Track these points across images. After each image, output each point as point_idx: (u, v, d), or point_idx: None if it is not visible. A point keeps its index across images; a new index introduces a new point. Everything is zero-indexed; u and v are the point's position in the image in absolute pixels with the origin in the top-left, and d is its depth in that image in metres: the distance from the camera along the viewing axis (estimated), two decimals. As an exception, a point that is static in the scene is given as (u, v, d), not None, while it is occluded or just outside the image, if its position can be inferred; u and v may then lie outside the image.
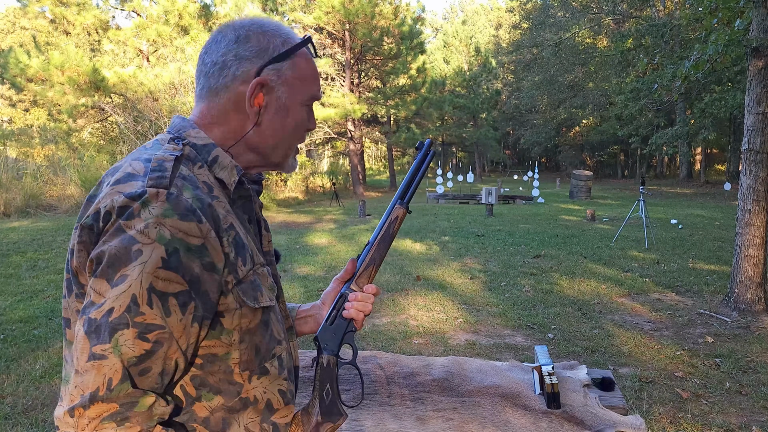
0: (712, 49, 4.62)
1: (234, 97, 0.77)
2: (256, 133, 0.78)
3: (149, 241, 0.63)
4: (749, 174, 4.50)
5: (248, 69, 0.76)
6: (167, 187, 0.66)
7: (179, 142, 0.75)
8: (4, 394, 2.99)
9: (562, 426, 1.40)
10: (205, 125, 0.78)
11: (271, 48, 0.77)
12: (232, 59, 0.76)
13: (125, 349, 0.62)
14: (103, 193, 0.68)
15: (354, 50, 19.17)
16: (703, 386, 3.12)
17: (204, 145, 0.76)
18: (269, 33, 0.78)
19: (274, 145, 0.81)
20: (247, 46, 0.76)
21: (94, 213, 0.66)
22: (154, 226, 0.63)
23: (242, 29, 0.78)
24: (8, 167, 12.17)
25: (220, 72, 0.76)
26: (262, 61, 0.76)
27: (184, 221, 0.65)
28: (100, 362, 0.61)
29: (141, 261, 0.62)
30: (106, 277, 0.63)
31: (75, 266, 0.67)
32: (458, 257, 7.04)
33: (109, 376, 0.61)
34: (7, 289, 5.24)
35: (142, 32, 15.93)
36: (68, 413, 0.62)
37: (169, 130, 0.79)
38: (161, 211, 0.64)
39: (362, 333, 4.06)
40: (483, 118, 32.30)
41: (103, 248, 0.63)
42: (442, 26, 48.17)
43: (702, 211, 12.78)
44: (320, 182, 20.53)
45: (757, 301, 4.48)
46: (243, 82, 0.76)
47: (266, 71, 0.76)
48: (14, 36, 24.16)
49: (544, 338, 3.98)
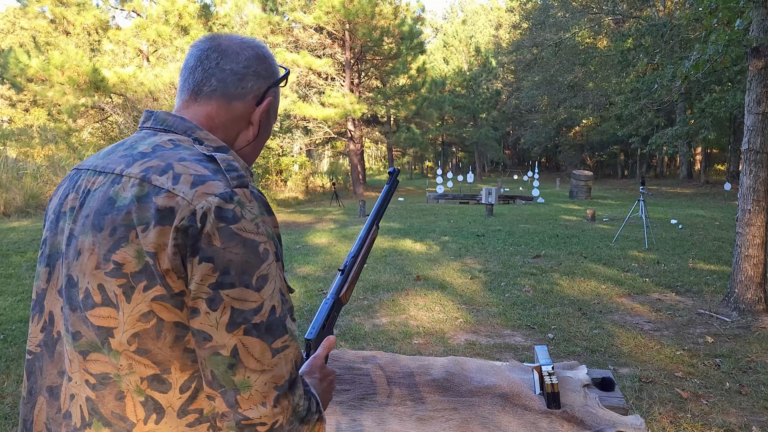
0: (712, 49, 4.62)
1: (243, 108, 0.83)
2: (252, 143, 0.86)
3: (265, 239, 0.69)
4: (749, 174, 4.50)
5: (261, 87, 0.84)
6: (248, 186, 0.71)
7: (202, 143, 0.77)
8: (4, 394, 2.99)
9: (562, 426, 1.40)
10: (209, 127, 0.81)
11: (275, 72, 0.87)
12: (252, 75, 0.83)
13: (295, 332, 0.71)
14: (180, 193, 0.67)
15: (354, 50, 19.18)
16: (703, 386, 3.12)
17: (218, 147, 0.79)
18: (272, 58, 0.88)
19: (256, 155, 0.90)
20: (264, 66, 0.84)
21: (189, 215, 0.65)
22: (262, 224, 0.69)
23: (260, 49, 0.85)
24: (8, 167, 12.18)
25: (239, 82, 0.82)
26: (269, 82, 0.85)
27: (270, 215, 0.72)
28: (285, 352, 0.68)
29: (270, 258, 0.69)
30: (245, 284, 0.66)
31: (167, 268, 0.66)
32: (458, 257, 7.04)
33: (295, 359, 0.70)
34: (7, 289, 5.24)
35: (142, 32, 15.93)
36: (272, 406, 0.67)
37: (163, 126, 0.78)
38: (258, 209, 0.70)
39: (362, 333, 4.06)
40: (483, 118, 32.31)
41: (225, 256, 0.65)
42: (442, 26, 48.19)
43: (702, 211, 12.78)
44: (320, 182, 20.55)
45: (757, 301, 4.48)
46: (254, 97, 0.83)
47: (270, 92, 0.85)
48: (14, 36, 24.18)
49: (544, 338, 3.98)
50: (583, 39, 26.16)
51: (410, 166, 41.14)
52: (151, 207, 0.67)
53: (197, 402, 0.71)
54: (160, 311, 0.67)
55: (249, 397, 0.66)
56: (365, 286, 5.50)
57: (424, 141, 22.25)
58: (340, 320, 4.37)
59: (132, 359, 0.69)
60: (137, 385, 0.69)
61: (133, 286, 0.67)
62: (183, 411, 0.71)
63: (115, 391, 0.70)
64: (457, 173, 30.55)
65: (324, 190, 19.56)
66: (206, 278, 0.65)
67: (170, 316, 0.68)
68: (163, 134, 0.77)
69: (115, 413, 0.70)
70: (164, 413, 0.70)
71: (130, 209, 0.68)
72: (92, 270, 0.69)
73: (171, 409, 0.70)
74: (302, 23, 18.59)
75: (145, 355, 0.69)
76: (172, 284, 0.66)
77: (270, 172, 16.83)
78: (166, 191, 0.67)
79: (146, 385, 0.69)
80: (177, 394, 0.70)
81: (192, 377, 0.70)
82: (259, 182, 15.20)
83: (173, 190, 0.67)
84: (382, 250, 7.58)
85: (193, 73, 0.82)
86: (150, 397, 0.70)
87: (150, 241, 0.66)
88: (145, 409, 0.70)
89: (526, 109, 32.75)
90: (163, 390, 0.70)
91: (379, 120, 23.38)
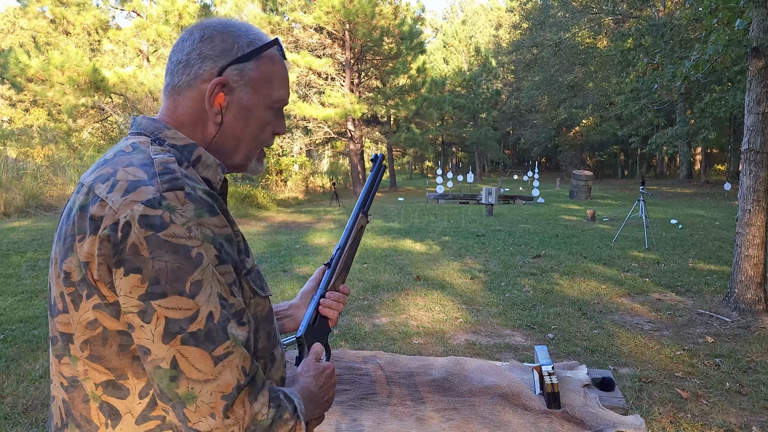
0: (712, 49, 4.61)
1: (196, 95, 0.76)
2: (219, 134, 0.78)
3: (199, 243, 0.64)
4: (749, 174, 4.50)
5: (210, 68, 0.75)
6: (182, 188, 0.66)
7: (162, 143, 0.74)
8: (4, 394, 2.99)
9: (562, 426, 1.40)
10: (176, 124, 0.77)
11: (235, 48, 0.76)
12: (196, 58, 0.76)
13: (241, 337, 0.66)
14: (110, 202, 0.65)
15: (354, 50, 19.17)
16: (703, 386, 3.12)
17: (185, 145, 0.75)
18: (235, 33, 0.77)
19: (235, 146, 0.80)
20: (211, 45, 0.76)
21: (112, 224, 0.63)
22: (196, 228, 0.65)
23: (208, 29, 0.77)
24: (8, 167, 12.16)
25: (183, 70, 0.76)
26: (224, 61, 0.76)
27: (214, 216, 0.67)
28: (228, 359, 0.64)
29: (205, 263, 0.64)
30: (177, 292, 0.62)
31: (96, 279, 0.66)
32: (458, 257, 7.04)
33: (241, 365, 0.66)
34: (7, 289, 5.24)
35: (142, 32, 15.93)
36: (223, 417, 0.64)
37: (138, 130, 0.77)
38: (193, 212, 0.65)
39: (362, 333, 4.06)
40: (483, 118, 32.31)
41: (154, 265, 0.62)
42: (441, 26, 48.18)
43: (702, 211, 12.78)
44: (320, 182, 20.54)
45: (757, 301, 4.47)
46: (204, 81, 0.76)
47: (228, 71, 0.76)
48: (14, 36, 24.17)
49: (544, 338, 3.98)
50: (583, 39, 26.15)
51: (410, 166, 41.14)
52: (87, 216, 0.67)
53: (159, 409, 0.70)
54: (103, 319, 0.67)
55: (196, 410, 0.64)
56: (365, 286, 5.50)
57: (424, 141, 22.25)
58: (340, 320, 4.36)
59: (87, 365, 0.69)
60: (92, 390, 0.70)
61: (81, 295, 0.67)
62: (143, 417, 0.69)
63: (81, 395, 0.71)
64: (457, 173, 30.55)
65: (324, 190, 19.55)
66: (135, 290, 0.63)
67: (111, 324, 0.67)
68: (133, 137, 0.76)
69: (83, 416, 0.71)
70: (120, 419, 0.69)
71: (75, 219, 0.69)
72: (56, 279, 0.71)
73: (129, 415, 0.69)
74: (302, 23, 18.58)
75: (99, 361, 0.68)
76: (105, 294, 0.66)
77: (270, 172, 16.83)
78: (100, 200, 0.66)
79: (101, 390, 0.69)
80: (136, 400, 0.69)
81: (149, 384, 0.69)
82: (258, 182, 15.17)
83: (105, 198, 0.66)
84: (382, 250, 7.58)
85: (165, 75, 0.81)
86: (105, 402, 0.69)
87: (84, 251, 0.66)
88: (103, 414, 0.70)
89: (526, 109, 32.75)
90: (120, 396, 0.69)
91: (379, 120, 23.37)
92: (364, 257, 7.11)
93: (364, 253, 7.39)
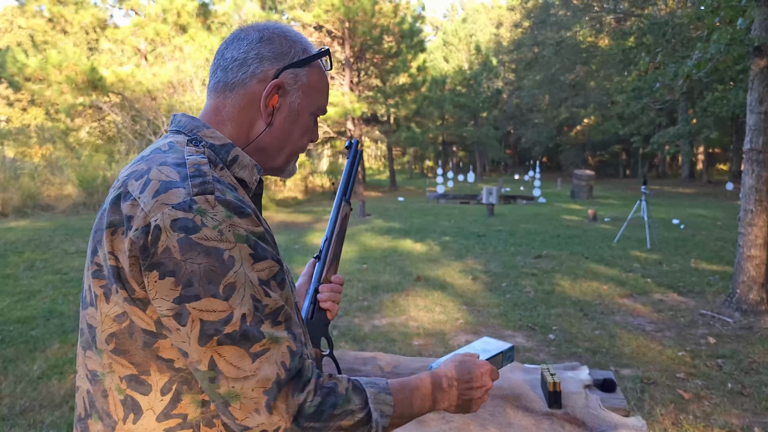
0: (714, 48, 4.59)
1: (249, 94, 0.78)
2: (266, 133, 0.80)
3: (232, 245, 0.65)
4: (751, 174, 4.47)
5: (267, 69, 0.78)
6: (212, 192, 0.67)
7: (198, 143, 0.75)
8: (2, 396, 2.97)
9: (564, 427, 1.37)
10: (217, 122, 0.79)
11: (291, 53, 0.80)
12: (253, 57, 0.78)
13: (277, 335, 0.67)
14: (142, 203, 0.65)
15: (354, 48, 19.15)
16: (705, 387, 3.10)
17: (222, 145, 0.76)
18: (291, 38, 0.81)
19: (281, 148, 0.82)
20: (270, 47, 0.79)
21: (143, 227, 0.64)
22: (228, 230, 0.65)
23: (266, 30, 0.80)
24: (6, 167, 12.15)
25: (239, 68, 0.78)
26: (281, 64, 0.79)
27: (244, 218, 0.68)
28: (266, 355, 0.65)
29: (238, 265, 0.65)
30: (211, 294, 0.63)
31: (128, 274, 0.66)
32: (459, 257, 7.02)
33: (281, 360, 0.66)
34: (5, 289, 5.22)
35: (140, 31, 15.92)
36: (267, 413, 0.64)
37: (178, 128, 0.78)
38: (224, 214, 0.66)
39: (362, 334, 4.04)
40: (484, 117, 32.30)
41: (187, 268, 0.63)
42: (442, 24, 48.18)
43: (704, 211, 12.76)
44: (320, 182, 20.53)
45: (760, 301, 4.45)
46: (260, 81, 0.78)
47: (284, 74, 0.79)
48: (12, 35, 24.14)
49: (546, 339, 3.96)
50: (584, 38, 26.13)
51: (410, 165, 41.13)
52: (118, 212, 0.68)
53: (181, 407, 0.70)
54: (131, 313, 0.68)
55: (241, 407, 0.64)
56: (365, 286, 5.48)
57: (425, 140, 22.25)
58: (340, 321, 4.34)
59: (111, 358, 0.70)
60: (117, 384, 0.70)
61: (110, 288, 0.68)
62: (165, 414, 0.69)
63: (101, 389, 0.72)
64: (458, 173, 30.56)
65: (323, 190, 19.55)
66: (170, 293, 0.63)
67: (139, 321, 0.68)
68: (172, 135, 0.77)
69: (104, 409, 0.72)
70: (142, 414, 0.69)
71: (106, 212, 0.69)
72: (87, 271, 0.73)
73: (151, 411, 0.69)
74: (301, 21, 18.56)
75: (123, 355, 0.69)
76: (135, 288, 0.66)
77: (269, 174, 16.79)
78: (132, 198, 0.67)
79: (125, 384, 0.70)
80: (158, 397, 0.69)
81: (171, 380, 0.69)
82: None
83: (138, 198, 0.66)
84: (382, 251, 7.56)
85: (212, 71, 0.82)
86: (129, 396, 0.70)
87: (114, 246, 0.67)
88: (124, 408, 0.70)
89: (527, 108, 32.73)
90: (143, 391, 0.69)
91: (379, 119, 23.37)
92: (364, 258, 7.09)
93: (364, 254, 7.38)
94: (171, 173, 0.68)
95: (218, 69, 0.80)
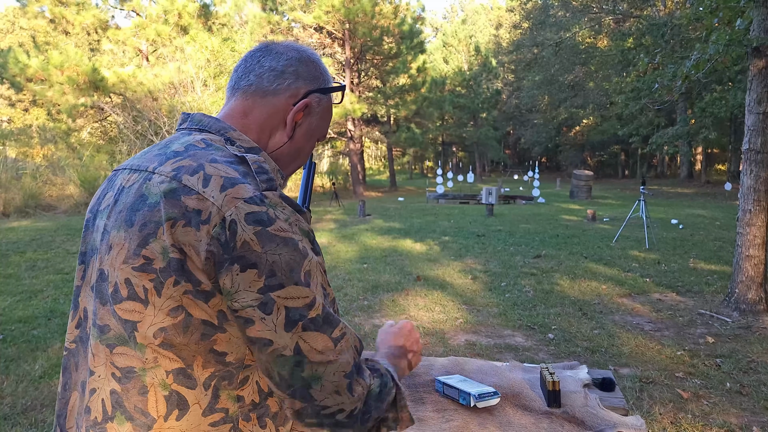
0: (712, 48, 4.60)
1: (277, 105, 0.83)
2: (286, 145, 0.85)
3: (301, 237, 0.70)
4: (750, 174, 4.49)
5: (300, 87, 0.84)
6: (276, 189, 0.72)
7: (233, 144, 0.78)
8: (4, 395, 2.98)
9: (563, 426, 1.39)
10: (244, 125, 0.82)
11: (321, 79, 0.87)
12: (291, 73, 0.84)
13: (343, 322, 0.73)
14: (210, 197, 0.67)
15: (354, 50, 19.17)
16: (703, 386, 3.11)
17: (250, 148, 0.79)
18: (322, 67, 0.89)
19: (293, 159, 0.88)
20: (307, 68, 0.86)
21: (220, 222, 0.66)
22: (295, 224, 0.70)
23: (305, 53, 0.87)
24: (7, 167, 12.17)
25: (276, 78, 0.83)
26: (312, 86, 0.86)
27: (302, 214, 0.73)
28: (345, 338, 0.71)
29: (309, 255, 0.70)
30: (294, 282, 0.67)
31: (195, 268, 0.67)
32: (458, 257, 7.03)
33: (354, 344, 0.72)
34: (6, 289, 5.24)
35: (141, 32, 15.93)
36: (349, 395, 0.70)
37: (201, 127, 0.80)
38: (289, 210, 0.71)
39: (362, 334, 4.05)
40: (483, 118, 32.30)
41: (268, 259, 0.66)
42: (441, 26, 48.20)
43: (703, 211, 12.78)
44: (320, 182, 20.54)
45: (758, 301, 4.47)
46: (290, 96, 0.83)
47: (311, 96, 0.85)
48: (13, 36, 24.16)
49: (545, 338, 3.97)
50: (583, 38, 26.15)
51: (410, 165, 41.14)
52: (180, 206, 0.68)
53: (221, 401, 0.70)
54: (190, 306, 0.67)
55: (321, 389, 0.68)
56: (365, 286, 5.49)
57: (424, 141, 22.26)
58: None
59: (157, 353, 0.69)
60: (163, 379, 0.69)
61: (162, 282, 0.67)
62: (210, 409, 0.70)
63: (138, 386, 0.70)
64: (458, 173, 30.56)
65: (324, 190, 19.55)
66: (253, 284, 0.66)
67: (199, 313, 0.68)
68: (197, 134, 0.79)
69: (138, 407, 0.70)
70: (188, 409, 0.69)
71: (160, 206, 0.69)
72: (120, 264, 0.70)
73: (197, 405, 0.69)
74: (302, 23, 18.58)
75: (170, 349, 0.68)
76: (201, 282, 0.67)
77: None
78: (196, 193, 0.68)
79: (172, 378, 0.69)
80: (203, 391, 0.69)
81: (212, 376, 0.69)
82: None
83: (203, 193, 0.67)
84: (382, 250, 7.58)
85: (236, 71, 0.85)
86: (176, 391, 0.69)
87: (177, 239, 0.67)
88: (168, 404, 0.69)
89: (527, 108, 32.75)
90: (189, 385, 0.69)
91: (379, 120, 23.38)
92: (364, 257, 7.10)
93: (364, 254, 7.39)
94: (228, 170, 0.70)
95: (251, 73, 0.83)
